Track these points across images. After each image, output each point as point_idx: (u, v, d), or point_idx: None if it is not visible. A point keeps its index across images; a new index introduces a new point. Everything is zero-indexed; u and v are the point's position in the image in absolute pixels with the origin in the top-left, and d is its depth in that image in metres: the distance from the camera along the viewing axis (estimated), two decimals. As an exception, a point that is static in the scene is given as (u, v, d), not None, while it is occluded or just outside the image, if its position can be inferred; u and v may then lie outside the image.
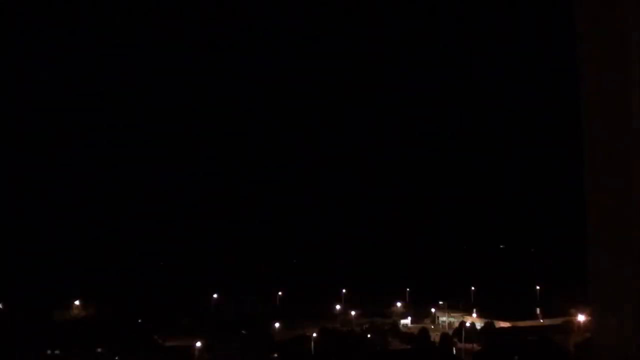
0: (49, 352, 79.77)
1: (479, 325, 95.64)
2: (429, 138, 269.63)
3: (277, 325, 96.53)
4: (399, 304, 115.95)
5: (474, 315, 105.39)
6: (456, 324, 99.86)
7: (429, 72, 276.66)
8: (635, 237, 3.72)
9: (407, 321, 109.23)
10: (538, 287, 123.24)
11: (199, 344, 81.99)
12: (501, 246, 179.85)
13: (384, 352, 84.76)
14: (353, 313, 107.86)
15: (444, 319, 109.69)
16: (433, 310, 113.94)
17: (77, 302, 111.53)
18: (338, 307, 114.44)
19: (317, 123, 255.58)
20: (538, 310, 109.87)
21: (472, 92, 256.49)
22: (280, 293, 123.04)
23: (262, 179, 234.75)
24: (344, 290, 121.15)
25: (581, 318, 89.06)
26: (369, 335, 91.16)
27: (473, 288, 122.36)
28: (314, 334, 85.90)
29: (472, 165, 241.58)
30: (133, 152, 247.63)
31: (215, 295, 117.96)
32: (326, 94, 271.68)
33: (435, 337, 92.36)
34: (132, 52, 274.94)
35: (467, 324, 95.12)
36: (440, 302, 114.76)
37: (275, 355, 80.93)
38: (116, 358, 78.58)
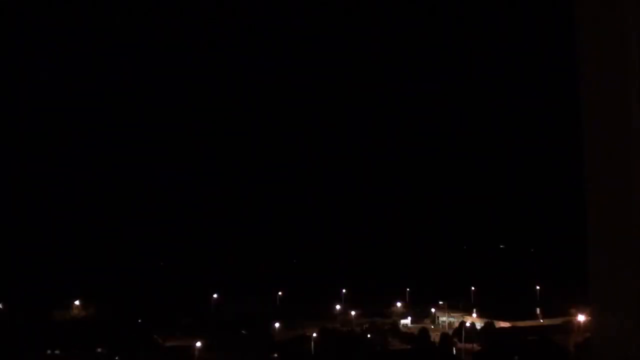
0: (49, 352, 79.79)
1: (479, 325, 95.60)
2: (428, 138, 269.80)
3: (277, 325, 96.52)
4: (399, 304, 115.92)
5: (474, 315, 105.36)
6: (456, 324, 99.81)
7: (429, 72, 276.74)
8: (635, 237, 3.72)
9: (407, 321, 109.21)
10: (538, 287, 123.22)
11: (199, 344, 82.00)
12: (501, 246, 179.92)
13: (384, 352, 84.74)
14: (353, 313, 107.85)
15: (444, 319, 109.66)
16: (433, 310, 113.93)
17: (77, 302, 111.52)
18: (338, 307, 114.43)
19: (317, 123, 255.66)
20: (538, 310, 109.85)
21: (472, 92, 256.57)
22: (280, 293, 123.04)
23: (262, 179, 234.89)
24: (344, 290, 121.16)
25: (581, 318, 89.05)
26: (369, 335, 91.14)
27: (473, 288, 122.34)
28: (314, 334, 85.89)
29: (472, 166, 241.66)
30: (133, 152, 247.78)
31: (215, 295, 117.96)
32: (326, 94, 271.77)
33: (435, 337, 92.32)
34: (132, 52, 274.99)
35: (467, 324, 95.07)
36: (440, 302, 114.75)
37: (275, 355, 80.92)
38: (116, 358, 78.58)
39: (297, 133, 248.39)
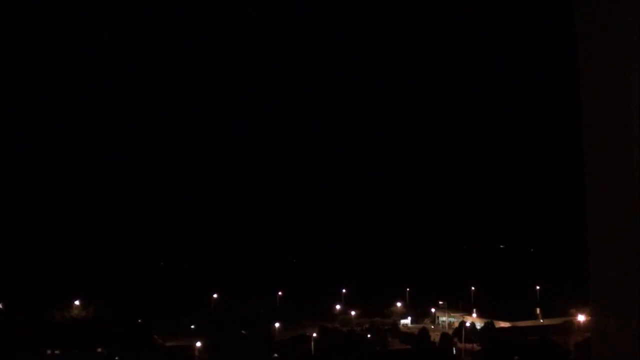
0: (49, 352, 79.76)
1: (479, 325, 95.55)
2: (428, 138, 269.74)
3: (277, 325, 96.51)
4: (399, 304, 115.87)
5: (474, 315, 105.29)
6: (456, 324, 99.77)
7: (429, 72, 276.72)
8: (635, 237, 3.72)
9: (407, 321, 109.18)
10: (538, 287, 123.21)
11: (199, 344, 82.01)
12: (501, 246, 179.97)
13: (384, 352, 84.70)
14: (353, 313, 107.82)
15: (444, 319, 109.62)
16: (433, 310, 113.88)
17: (77, 302, 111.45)
18: (338, 307, 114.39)
19: (318, 123, 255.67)
20: (538, 310, 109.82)
21: (472, 92, 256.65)
22: (280, 293, 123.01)
23: (262, 179, 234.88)
24: (344, 290, 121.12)
25: (581, 318, 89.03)
26: (369, 335, 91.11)
27: (473, 288, 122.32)
28: (314, 334, 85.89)
29: (472, 166, 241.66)
30: (133, 152, 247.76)
31: (215, 295, 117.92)
32: (326, 94, 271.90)
33: (435, 337, 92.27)
34: (132, 52, 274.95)
35: (467, 324, 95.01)
36: (440, 302, 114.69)
37: (275, 355, 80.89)
38: (116, 358, 78.56)
39: (298, 133, 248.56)
